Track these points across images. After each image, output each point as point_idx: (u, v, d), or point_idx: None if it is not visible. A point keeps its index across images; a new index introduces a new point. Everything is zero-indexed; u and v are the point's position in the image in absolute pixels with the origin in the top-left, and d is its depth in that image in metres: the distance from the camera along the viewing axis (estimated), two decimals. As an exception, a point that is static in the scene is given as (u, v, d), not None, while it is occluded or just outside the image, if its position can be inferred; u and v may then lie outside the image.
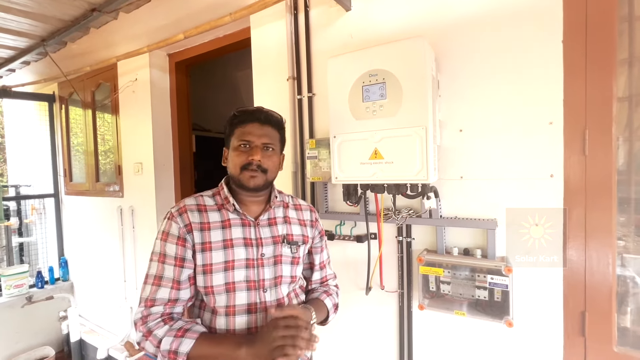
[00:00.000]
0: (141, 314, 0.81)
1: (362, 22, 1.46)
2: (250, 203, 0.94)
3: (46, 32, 2.03)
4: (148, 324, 0.80)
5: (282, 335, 0.75)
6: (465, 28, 1.24)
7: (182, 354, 0.76)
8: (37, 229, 3.43)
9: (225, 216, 0.90)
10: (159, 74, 2.44)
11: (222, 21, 1.72)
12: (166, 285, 0.83)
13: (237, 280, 0.86)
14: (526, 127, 1.16)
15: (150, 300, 0.82)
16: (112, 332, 2.82)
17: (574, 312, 1.11)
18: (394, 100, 1.11)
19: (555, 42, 1.10)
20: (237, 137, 0.90)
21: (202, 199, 0.93)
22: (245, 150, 0.88)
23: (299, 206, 1.06)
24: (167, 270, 0.83)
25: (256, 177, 0.88)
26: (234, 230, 0.89)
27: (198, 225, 0.86)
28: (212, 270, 0.85)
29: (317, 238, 1.08)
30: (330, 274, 1.14)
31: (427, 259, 1.24)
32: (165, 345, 0.77)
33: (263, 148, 0.89)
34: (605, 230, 1.07)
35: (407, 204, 1.36)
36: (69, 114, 3.16)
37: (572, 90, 1.09)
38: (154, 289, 0.83)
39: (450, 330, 1.31)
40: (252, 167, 0.87)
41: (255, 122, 0.90)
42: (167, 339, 0.77)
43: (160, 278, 0.83)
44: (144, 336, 0.79)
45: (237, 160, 0.88)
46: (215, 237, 0.86)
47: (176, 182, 2.56)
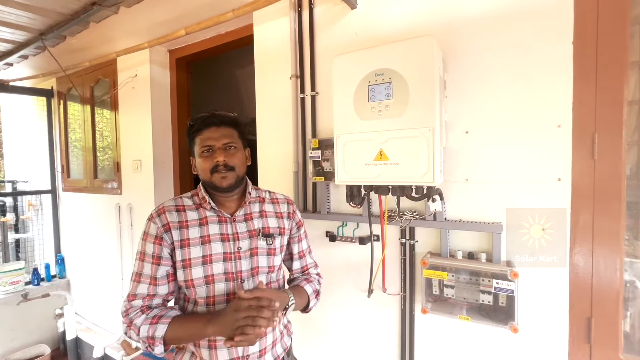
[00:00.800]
0: (124, 307, 0.91)
1: (368, 20, 1.43)
2: (226, 201, 1.00)
3: (45, 26, 1.99)
4: (129, 315, 0.89)
5: (243, 316, 0.81)
6: (473, 27, 1.22)
7: (158, 338, 0.84)
8: (34, 225, 3.39)
9: (203, 214, 0.96)
10: (159, 70, 2.41)
11: (225, 17, 1.69)
12: (144, 282, 0.91)
13: (215, 273, 0.92)
14: (534, 130, 1.14)
15: (132, 295, 0.91)
16: (108, 331, 2.80)
17: (580, 318, 1.10)
18: (400, 100, 1.08)
19: (566, 43, 1.08)
20: (199, 145, 0.95)
21: (181, 200, 1.00)
22: (209, 154, 0.94)
23: (276, 200, 1.11)
24: (146, 267, 0.91)
25: (227, 176, 0.93)
26: (211, 227, 0.95)
27: (177, 224, 0.93)
28: (191, 264, 0.91)
29: (295, 229, 1.12)
30: (311, 263, 1.18)
31: (431, 262, 1.22)
32: (143, 333, 0.85)
33: (225, 148, 0.95)
34: (613, 236, 1.05)
35: (410, 205, 1.34)
36: (67, 110, 3.12)
37: (581, 93, 1.07)
38: (135, 285, 0.91)
39: (453, 334, 1.29)
40: (220, 168, 0.93)
41: (210, 126, 0.95)
42: (144, 326, 0.86)
43: (140, 275, 0.91)
44: (128, 326, 0.88)
45: (205, 166, 0.94)
46: (193, 234, 0.93)
47: (175, 180, 2.53)
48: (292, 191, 1.64)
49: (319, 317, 1.61)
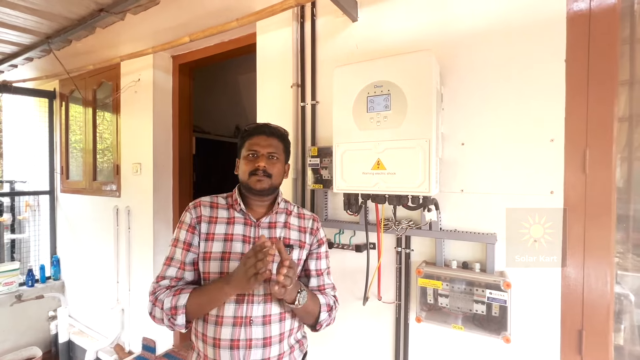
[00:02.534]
0: (152, 287, 0.97)
1: (368, 33, 1.47)
2: (256, 206, 1.05)
3: (51, 30, 2.03)
4: (156, 293, 0.94)
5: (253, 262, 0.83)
6: (470, 43, 1.26)
7: (180, 306, 0.89)
8: (30, 226, 3.39)
9: (232, 214, 1.03)
10: (162, 75, 2.44)
11: (229, 26, 1.73)
12: (174, 265, 0.98)
13: (230, 271, 0.94)
14: (528, 144, 1.17)
15: (161, 276, 0.97)
16: (102, 334, 2.77)
17: (571, 330, 1.11)
18: (398, 112, 1.11)
19: (559, 60, 1.12)
20: (246, 148, 1.03)
21: (217, 198, 1.08)
22: (253, 159, 1.02)
23: (303, 215, 1.13)
24: (177, 253, 0.98)
25: (262, 180, 1.00)
26: (236, 227, 1.01)
27: (207, 218, 1.01)
28: (210, 257, 0.97)
29: (315, 245, 1.12)
30: (329, 284, 1.14)
31: (426, 271, 1.24)
32: (167, 305, 0.90)
33: (268, 157, 1.02)
34: (604, 248, 1.07)
35: (407, 214, 1.36)
36: (69, 112, 3.14)
37: (574, 109, 1.10)
38: (165, 268, 0.98)
39: (447, 343, 1.30)
40: (259, 172, 0.99)
41: (261, 134, 1.04)
42: (168, 299, 0.91)
43: (171, 259, 0.98)
44: (153, 304, 0.93)
45: (246, 168, 1.01)
46: (219, 230, 0.99)
47: (174, 184, 2.54)
48: (290, 198, 1.66)
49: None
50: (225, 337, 0.92)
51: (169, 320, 0.90)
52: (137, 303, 2.52)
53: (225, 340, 0.92)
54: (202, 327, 0.96)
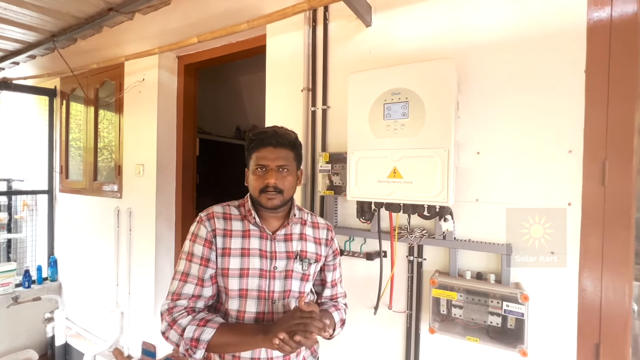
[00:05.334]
0: (167, 305, 0.89)
1: (382, 39, 1.46)
2: (270, 218, 1.00)
3: (57, 28, 1.99)
4: (173, 314, 0.87)
5: (297, 322, 0.81)
6: (487, 50, 1.24)
7: (203, 341, 0.83)
8: (28, 226, 3.32)
9: (247, 227, 0.98)
10: (168, 76, 2.41)
11: (239, 28, 1.71)
12: (191, 282, 0.91)
13: (249, 288, 0.93)
14: (545, 154, 1.16)
15: (177, 294, 0.90)
16: (100, 338, 2.72)
17: (588, 344, 1.10)
18: (416, 120, 1.10)
19: (578, 70, 1.11)
20: (254, 162, 0.97)
21: (229, 207, 1.01)
22: (262, 174, 0.95)
23: (317, 224, 1.10)
24: (193, 268, 0.92)
25: (273, 198, 0.94)
26: (252, 241, 0.96)
27: (222, 232, 0.94)
28: (228, 274, 0.93)
29: (331, 256, 1.11)
30: (341, 293, 1.16)
31: (441, 282, 1.22)
32: (188, 333, 0.84)
33: (277, 170, 0.95)
34: (622, 262, 1.06)
35: (419, 223, 1.34)
36: (69, 110, 3.10)
37: (593, 120, 1.09)
38: (181, 284, 0.91)
39: (458, 356, 1.28)
40: (269, 189, 0.93)
41: (268, 146, 0.95)
42: (191, 327, 0.84)
43: (187, 275, 0.92)
44: (169, 325, 0.87)
45: (255, 184, 0.96)
46: (234, 245, 0.94)
47: (178, 186, 2.51)
48: (300, 204, 1.63)
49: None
50: (245, 356, 0.91)
51: (186, 350, 0.85)
52: (137, 307, 2.48)
53: (246, 358, 0.91)
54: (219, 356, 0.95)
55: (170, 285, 0.93)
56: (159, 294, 2.39)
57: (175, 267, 0.96)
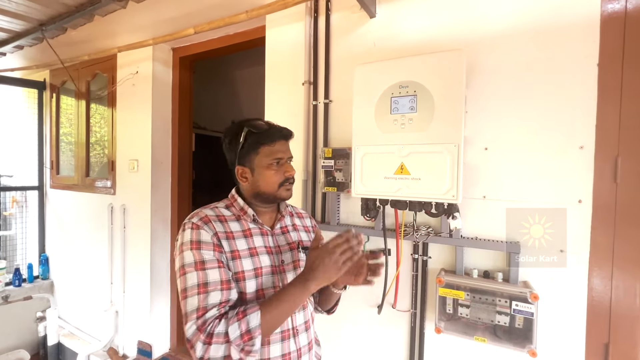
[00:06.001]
0: (196, 326, 0.75)
1: (387, 31, 1.41)
2: (264, 213, 0.98)
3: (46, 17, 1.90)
4: (206, 330, 0.74)
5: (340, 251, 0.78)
6: (495, 43, 1.21)
7: (255, 328, 0.74)
8: (17, 223, 3.23)
9: (246, 226, 0.92)
10: (162, 68, 2.34)
11: (237, 18, 1.65)
12: (215, 289, 0.79)
13: (265, 287, 0.88)
14: (555, 150, 1.13)
15: (202, 308, 0.77)
16: (93, 337, 2.66)
17: (597, 344, 1.08)
18: (425, 114, 1.06)
19: (591, 64, 1.08)
20: (268, 156, 0.91)
21: (218, 209, 0.93)
22: (278, 167, 0.92)
23: (300, 214, 1.10)
24: (211, 274, 0.80)
25: (290, 189, 0.94)
26: (255, 239, 0.91)
27: (224, 235, 0.87)
28: (244, 277, 0.85)
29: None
30: None
31: (447, 280, 1.19)
32: (234, 334, 0.74)
33: (288, 161, 0.95)
34: (634, 261, 1.04)
35: (424, 221, 1.31)
36: (60, 104, 2.99)
37: (605, 116, 1.07)
38: (203, 297, 0.77)
39: (464, 356, 1.26)
40: (290, 181, 0.93)
41: (282, 139, 0.93)
42: (233, 327, 0.74)
43: (206, 284, 0.79)
44: (206, 344, 0.73)
45: (275, 179, 0.91)
46: (241, 246, 0.88)
47: (173, 182, 2.44)
48: (300, 200, 1.59)
49: (326, 329, 1.55)
50: (275, 355, 0.87)
51: (241, 350, 0.74)
52: (133, 306, 2.42)
53: (276, 357, 0.87)
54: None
55: (185, 306, 0.79)
56: (154, 292, 2.34)
57: (181, 286, 0.81)
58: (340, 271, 0.78)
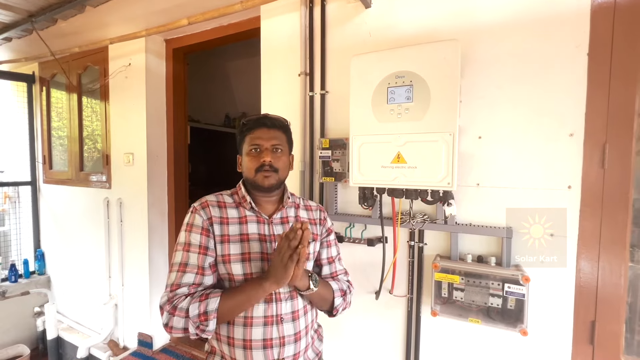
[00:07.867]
0: (167, 296, 0.87)
1: (382, 21, 1.42)
2: (265, 202, 1.01)
3: (35, 7, 1.85)
4: (173, 303, 0.85)
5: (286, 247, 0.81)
6: (489, 33, 1.23)
7: (212, 311, 0.83)
8: (11, 219, 3.20)
9: (242, 213, 0.97)
10: (155, 60, 2.31)
11: (232, 9, 1.64)
12: (191, 271, 0.89)
13: (254, 272, 0.92)
14: (546, 138, 1.16)
15: (176, 284, 0.88)
16: (93, 330, 2.68)
17: (584, 322, 1.14)
18: (421, 104, 1.08)
19: (581, 54, 1.11)
20: (248, 143, 0.97)
21: (222, 196, 1.00)
22: (257, 154, 0.96)
23: (310, 207, 1.11)
24: (192, 257, 0.90)
25: (269, 176, 0.95)
26: (249, 226, 0.96)
27: (218, 219, 0.94)
28: (230, 260, 0.92)
29: (325, 234, 1.11)
30: (341, 270, 1.14)
31: (443, 266, 1.23)
32: (193, 311, 0.83)
33: (272, 150, 0.96)
34: (619, 243, 1.09)
35: (420, 208, 1.34)
36: (50, 97, 2.95)
37: (594, 104, 1.10)
38: (180, 275, 0.88)
39: (459, 337, 1.31)
40: (265, 167, 0.94)
41: (262, 127, 0.97)
42: (193, 305, 0.84)
43: (186, 265, 0.89)
44: (170, 314, 0.84)
45: (251, 164, 0.96)
46: (233, 231, 0.94)
47: (169, 175, 2.44)
48: (298, 191, 1.61)
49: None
50: (257, 338, 0.90)
51: (196, 327, 0.83)
52: (132, 298, 2.44)
53: (258, 340, 0.89)
54: (226, 330, 0.92)
55: (167, 278, 0.91)
56: (153, 284, 2.35)
57: (170, 261, 0.93)
58: (287, 270, 0.81)
